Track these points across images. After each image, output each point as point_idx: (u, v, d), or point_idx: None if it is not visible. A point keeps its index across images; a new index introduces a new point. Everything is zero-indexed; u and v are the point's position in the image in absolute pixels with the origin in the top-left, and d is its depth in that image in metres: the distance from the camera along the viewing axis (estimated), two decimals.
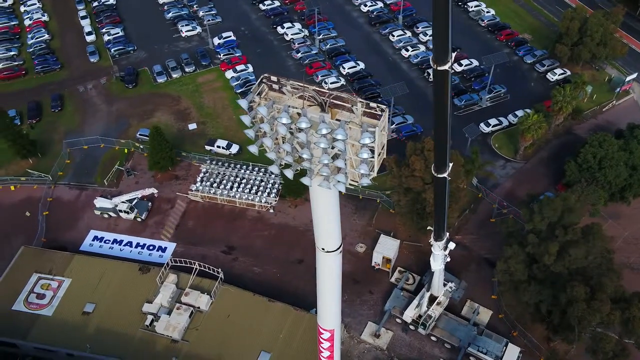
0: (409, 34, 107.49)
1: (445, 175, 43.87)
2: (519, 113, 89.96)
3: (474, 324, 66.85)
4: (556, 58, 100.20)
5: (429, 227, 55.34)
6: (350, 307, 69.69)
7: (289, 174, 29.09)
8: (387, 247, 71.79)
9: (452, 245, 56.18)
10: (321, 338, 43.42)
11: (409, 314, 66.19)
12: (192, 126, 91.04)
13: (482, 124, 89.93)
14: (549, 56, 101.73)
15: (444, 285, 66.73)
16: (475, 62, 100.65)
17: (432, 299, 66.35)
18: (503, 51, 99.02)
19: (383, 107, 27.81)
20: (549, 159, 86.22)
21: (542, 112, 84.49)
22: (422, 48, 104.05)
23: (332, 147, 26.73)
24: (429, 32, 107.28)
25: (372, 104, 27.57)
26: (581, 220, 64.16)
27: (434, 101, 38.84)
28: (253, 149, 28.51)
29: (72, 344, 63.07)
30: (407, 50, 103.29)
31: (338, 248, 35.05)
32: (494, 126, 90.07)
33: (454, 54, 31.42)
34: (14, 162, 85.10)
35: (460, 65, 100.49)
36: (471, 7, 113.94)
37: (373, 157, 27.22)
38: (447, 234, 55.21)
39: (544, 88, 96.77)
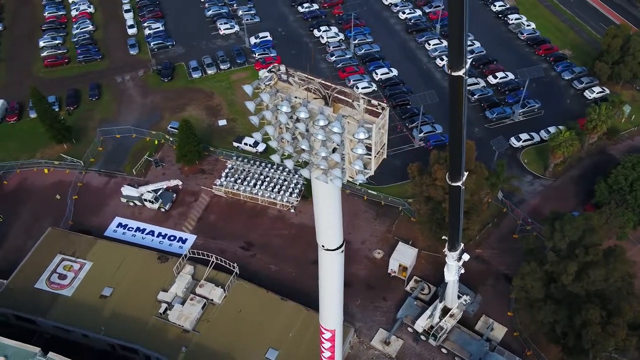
0: (445, 43, 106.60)
1: (459, 184, 43.38)
2: (552, 129, 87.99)
3: (487, 339, 65.67)
4: (595, 76, 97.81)
5: (443, 237, 54.75)
6: (362, 312, 69.56)
7: (289, 164, 29.39)
8: (404, 255, 71.28)
9: (466, 257, 55.22)
10: (322, 338, 43.45)
11: (421, 324, 65.49)
12: (222, 122, 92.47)
13: (512, 138, 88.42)
14: (588, 73, 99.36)
15: (459, 297, 65.90)
16: (511, 76, 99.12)
17: (446, 311, 65.54)
18: (539, 65, 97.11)
19: (384, 105, 27.82)
20: (580, 178, 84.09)
21: (575, 130, 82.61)
22: None
23: (332, 141, 26.89)
24: (467, 42, 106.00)
25: (374, 102, 27.64)
26: (607, 243, 62.42)
27: (449, 108, 38.57)
28: (257, 136, 28.88)
29: (88, 326, 64.67)
30: (442, 59, 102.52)
31: (339, 247, 35.04)
32: (524, 141, 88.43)
33: (469, 60, 31.18)
34: (49, 146, 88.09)
35: (495, 77, 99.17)
36: (511, 20, 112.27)
37: (369, 154, 27.20)
38: (462, 244, 54.47)
39: (580, 106, 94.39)
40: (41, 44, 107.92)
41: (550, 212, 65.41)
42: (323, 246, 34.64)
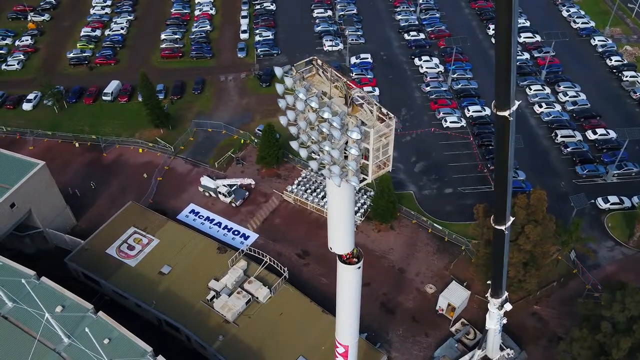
0: (548, 90, 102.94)
1: (503, 228, 42.49)
2: None
3: None
4: None
5: (488, 282, 53.17)
6: (401, 342, 68.62)
7: (303, 153, 30.48)
8: (454, 295, 69.48)
9: (508, 307, 53.25)
10: (337, 352, 43.84)
11: None
12: None
13: (599, 199, 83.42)
14: None
15: (502, 349, 63.13)
16: (613, 134, 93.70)
17: None
18: None
19: (392, 115, 28.30)
20: None
21: None
22: (558, 107, 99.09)
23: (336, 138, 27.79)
24: (571, 92, 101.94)
25: (384, 110, 28.36)
26: None
27: (495, 148, 38.28)
28: (283, 120, 30.22)
29: (142, 297, 69.25)
30: (540, 106, 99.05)
31: (356, 262, 35.41)
32: (612, 204, 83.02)
33: (511, 104, 30.65)
34: (148, 129, 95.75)
35: (595, 133, 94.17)
36: (625, 77, 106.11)
37: (361, 157, 27.62)
38: (506, 293, 52.63)
39: None
40: (162, 36, 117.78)
41: (616, 281, 61.10)
42: (331, 248, 35.25)
